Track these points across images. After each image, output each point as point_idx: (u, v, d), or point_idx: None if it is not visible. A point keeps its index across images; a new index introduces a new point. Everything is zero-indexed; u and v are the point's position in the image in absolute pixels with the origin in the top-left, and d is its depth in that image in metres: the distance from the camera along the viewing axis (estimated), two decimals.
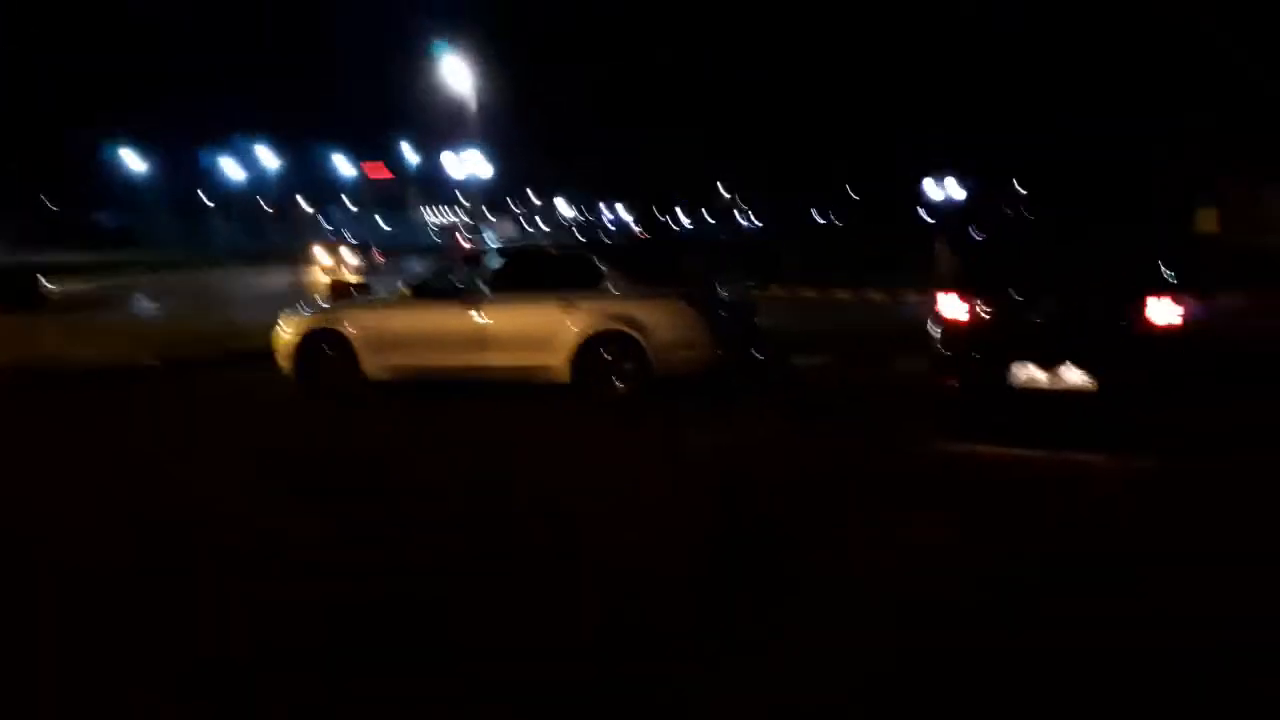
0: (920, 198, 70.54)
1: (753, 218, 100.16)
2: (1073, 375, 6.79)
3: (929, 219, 54.10)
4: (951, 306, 7.34)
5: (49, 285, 22.10)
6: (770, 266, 22.94)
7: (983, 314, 7.22)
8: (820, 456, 6.63)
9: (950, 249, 8.49)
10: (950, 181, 68.61)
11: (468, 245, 34.88)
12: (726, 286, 9.61)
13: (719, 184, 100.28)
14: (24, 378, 10.08)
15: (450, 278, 9.44)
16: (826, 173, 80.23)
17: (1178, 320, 6.68)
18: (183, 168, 76.72)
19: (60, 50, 65.24)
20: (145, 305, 21.91)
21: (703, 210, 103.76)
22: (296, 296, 15.68)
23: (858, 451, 6.70)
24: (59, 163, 68.16)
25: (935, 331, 7.51)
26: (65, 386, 9.90)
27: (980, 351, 7.20)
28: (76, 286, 26.56)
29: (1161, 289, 6.75)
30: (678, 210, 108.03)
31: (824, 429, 7.48)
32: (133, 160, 73.52)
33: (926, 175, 72.28)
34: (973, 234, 8.37)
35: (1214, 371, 7.02)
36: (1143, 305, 6.72)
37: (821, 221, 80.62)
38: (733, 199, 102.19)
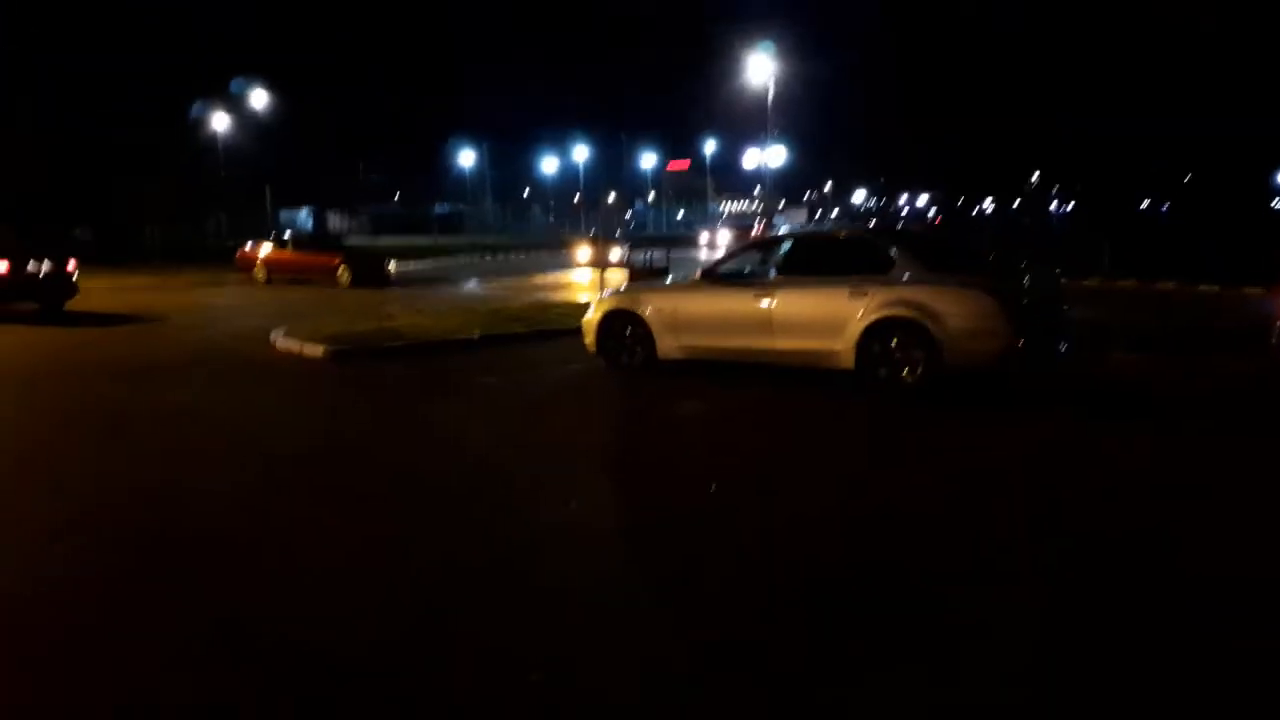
0: (1273, 187, 61.03)
1: (1064, 206, 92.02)
2: None
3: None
4: None
5: (394, 266, 25.34)
6: (1086, 256, 21.09)
7: None
8: (1123, 462, 6.11)
9: None
10: None
11: (755, 233, 35.32)
12: (1032, 274, 9.03)
13: (1032, 171, 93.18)
14: (379, 344, 11.71)
15: (742, 263, 9.74)
16: (1152, 159, 71.71)
17: None
18: (508, 162, 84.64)
19: (399, 57, 73.85)
20: (471, 284, 24.51)
21: (1012, 198, 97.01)
22: (599, 280, 16.87)
23: (1173, 460, 6.10)
24: (407, 159, 77.60)
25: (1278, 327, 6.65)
26: (410, 354, 11.37)
27: None
28: (415, 267, 30.25)
29: None
30: (984, 198, 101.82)
31: (1131, 431, 6.86)
32: (466, 156, 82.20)
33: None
34: None
35: None
36: None
37: (1143, 209, 72.22)
38: (1044, 185, 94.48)
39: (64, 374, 10.43)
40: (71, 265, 16.66)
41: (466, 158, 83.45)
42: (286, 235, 28.66)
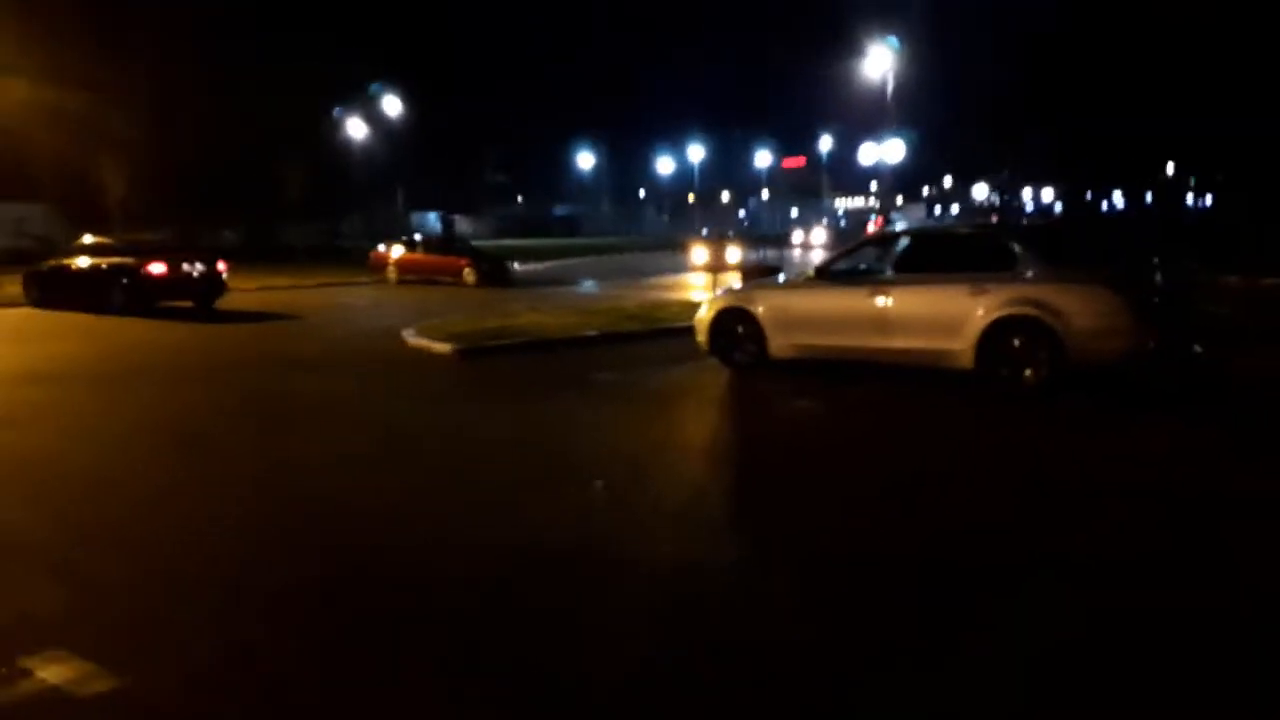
0: None
1: (1204, 198, 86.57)
2: None
3: None
4: None
5: (516, 266, 26.14)
6: (1226, 250, 19.88)
7: None
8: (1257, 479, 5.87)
9: None
10: None
11: (870, 230, 34.71)
12: (1165, 271, 8.73)
13: (1168, 161, 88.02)
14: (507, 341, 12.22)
15: (856, 260, 9.73)
16: None
17: None
18: (624, 162, 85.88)
19: (521, 61, 75.83)
20: (588, 284, 25.05)
21: (1145, 191, 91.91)
22: (712, 280, 17.03)
23: None
24: (530, 163, 79.81)
25: None
26: (532, 350, 11.82)
27: None
28: (536, 267, 31.09)
29: None
30: (1114, 192, 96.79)
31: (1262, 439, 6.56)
32: (585, 158, 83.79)
33: None
34: None
35: None
36: None
37: None
38: (1181, 177, 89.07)
39: (222, 367, 11.32)
40: (221, 266, 17.93)
41: (585, 160, 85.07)
42: (417, 237, 29.96)
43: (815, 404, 8.39)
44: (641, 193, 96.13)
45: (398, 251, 26.87)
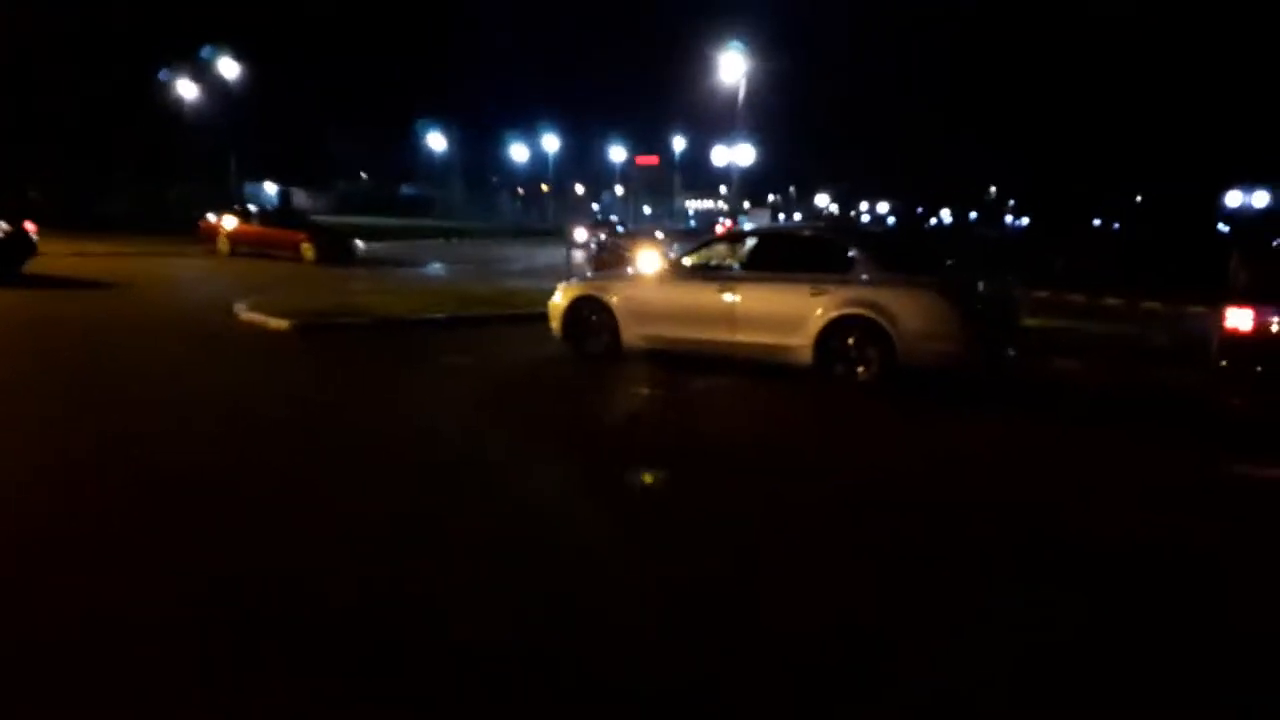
0: (1220, 208, 62.85)
1: (1020, 218, 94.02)
2: None
3: (1225, 230, 48.18)
4: (1239, 319, 6.87)
5: (360, 244, 25.23)
6: (1039, 268, 21.69)
7: (1272, 329, 6.69)
8: (1068, 460, 6.46)
9: (1245, 260, 7.90)
10: (1260, 194, 60.55)
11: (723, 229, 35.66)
12: (987, 281, 9.38)
13: (989, 185, 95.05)
14: (336, 321, 11.77)
15: (708, 256, 9.97)
16: (1109, 176, 73.46)
17: None
18: (478, 146, 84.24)
19: (370, 34, 73.12)
20: (437, 267, 24.49)
21: (969, 209, 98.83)
22: (566, 268, 17.03)
23: (1105, 460, 6.46)
24: (377, 140, 76.79)
25: (1216, 344, 7.06)
26: (376, 331, 11.45)
27: (1266, 366, 6.67)
28: (381, 247, 30.09)
29: None
30: (942, 209, 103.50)
31: (1075, 435, 7.22)
32: (436, 139, 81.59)
33: (1230, 186, 64.21)
34: (1274, 245, 7.71)
35: None
36: None
37: (1097, 225, 73.85)
38: (1000, 198, 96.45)
39: (27, 337, 10.37)
40: (30, 226, 16.40)
41: (436, 141, 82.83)
42: (252, 208, 28.40)
43: (660, 392, 8.54)
44: (494, 179, 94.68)
45: (230, 222, 25.43)
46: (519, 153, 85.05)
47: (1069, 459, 6.46)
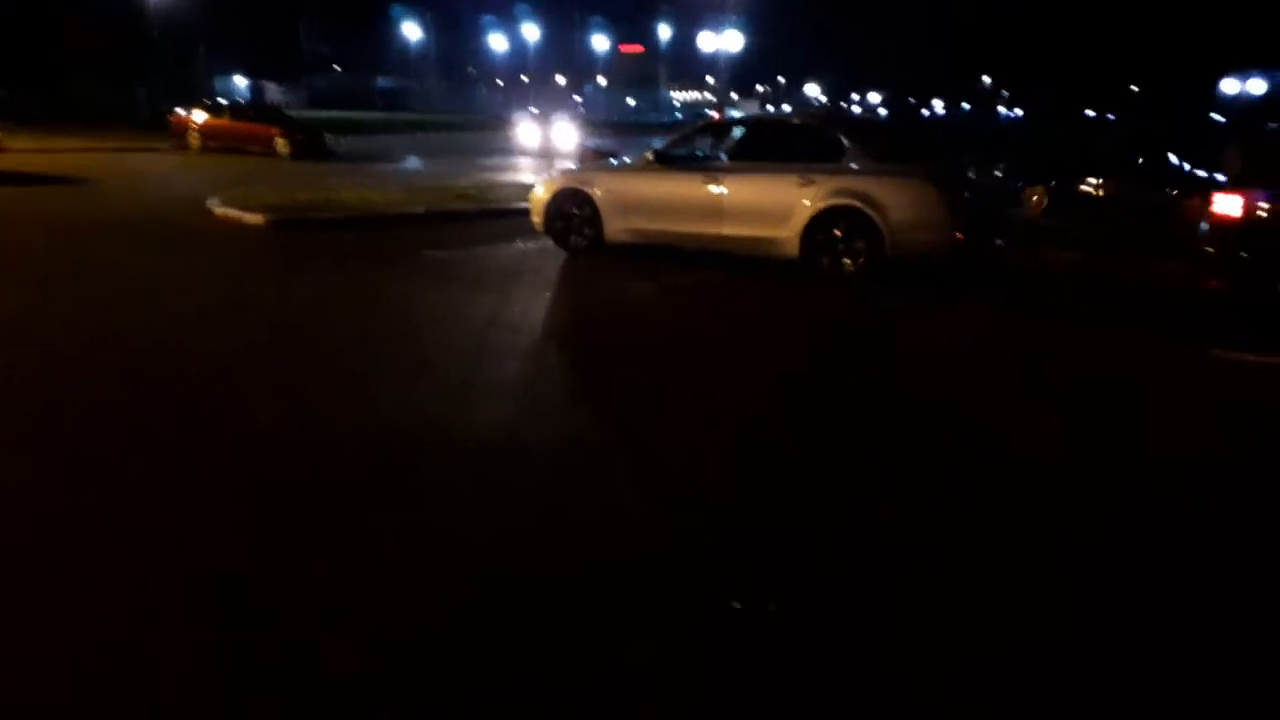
0: (1216, 96, 61.77)
1: (1013, 109, 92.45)
2: None
3: (1221, 119, 47.55)
4: (1227, 204, 6.77)
5: (334, 139, 24.55)
6: (1032, 159, 21.39)
7: (1260, 213, 6.60)
8: (1049, 351, 6.45)
9: (1239, 147, 7.74)
10: (1256, 82, 59.45)
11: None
12: (977, 171, 9.21)
13: (983, 75, 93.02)
14: (315, 216, 11.50)
15: (694, 146, 9.70)
16: (1107, 67, 72.02)
17: None
18: (455, 37, 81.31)
19: None
20: (415, 161, 23.92)
21: (961, 100, 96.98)
22: (545, 160, 16.62)
23: (1089, 351, 6.45)
24: (351, 31, 74.05)
25: (1204, 230, 6.98)
26: (354, 226, 11.20)
27: (1251, 252, 6.62)
28: (357, 142, 29.31)
29: None
30: (934, 99, 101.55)
31: (1057, 323, 7.21)
32: (411, 29, 78.67)
33: (1225, 74, 62.99)
34: (1266, 129, 7.54)
35: None
36: None
37: (1092, 116, 72.76)
38: (994, 89, 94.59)
39: None
40: None
41: (411, 31, 79.98)
42: (223, 102, 27.52)
43: (648, 286, 8.42)
44: (471, 70, 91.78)
45: (201, 117, 24.65)
46: (498, 43, 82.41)
47: (1018, 350, 6.47)
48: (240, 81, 65.48)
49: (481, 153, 26.82)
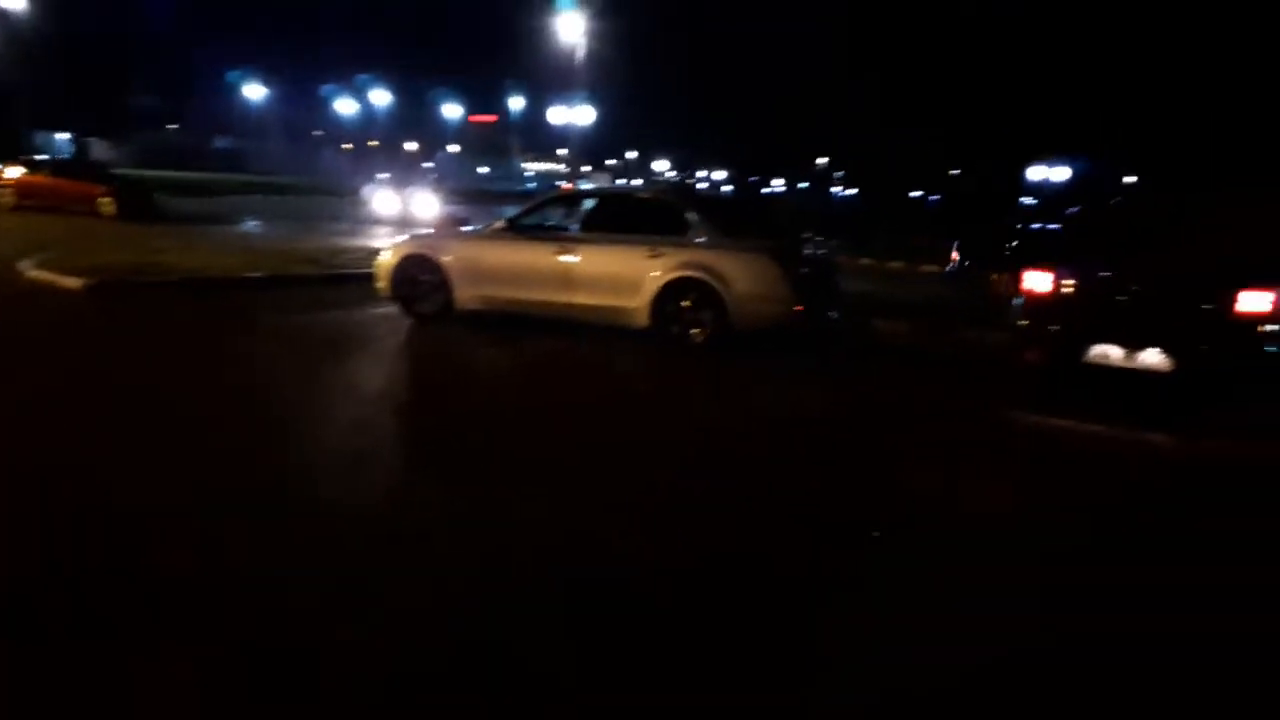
0: (1023, 183, 68.08)
1: (846, 189, 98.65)
2: (1150, 356, 6.77)
3: (1031, 202, 52.46)
4: (1036, 280, 7.37)
5: (166, 199, 23.36)
6: (863, 237, 22.84)
7: (1066, 289, 7.22)
8: (879, 416, 6.79)
9: (1040, 230, 8.46)
10: (1061, 169, 66.02)
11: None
12: (811, 246, 9.68)
13: (817, 157, 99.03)
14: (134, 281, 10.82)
15: (545, 216, 9.79)
16: (927, 153, 78.34)
17: (1267, 311, 6.56)
18: (299, 99, 79.50)
19: None
20: (254, 224, 23.02)
21: (800, 179, 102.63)
22: (398, 226, 16.36)
23: (916, 415, 6.83)
24: (185, 87, 71.17)
25: (1018, 304, 7.56)
26: (182, 291, 10.59)
27: (1061, 325, 7.21)
28: (192, 204, 27.97)
29: (1254, 280, 6.62)
30: (775, 178, 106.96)
31: (892, 393, 7.60)
32: (254, 90, 76.38)
33: (1033, 161, 69.65)
34: (1067, 214, 8.33)
35: None
36: (1233, 293, 6.61)
37: (916, 197, 78.71)
38: (828, 170, 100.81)
39: None
40: None
41: (254, 91, 77.70)
42: (43, 158, 25.77)
43: (497, 353, 8.34)
44: (318, 134, 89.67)
45: (16, 172, 22.98)
46: (345, 107, 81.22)
47: (830, 414, 6.80)
48: (63, 137, 61.55)
49: (328, 217, 26.11)
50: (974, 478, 5.38)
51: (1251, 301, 6.57)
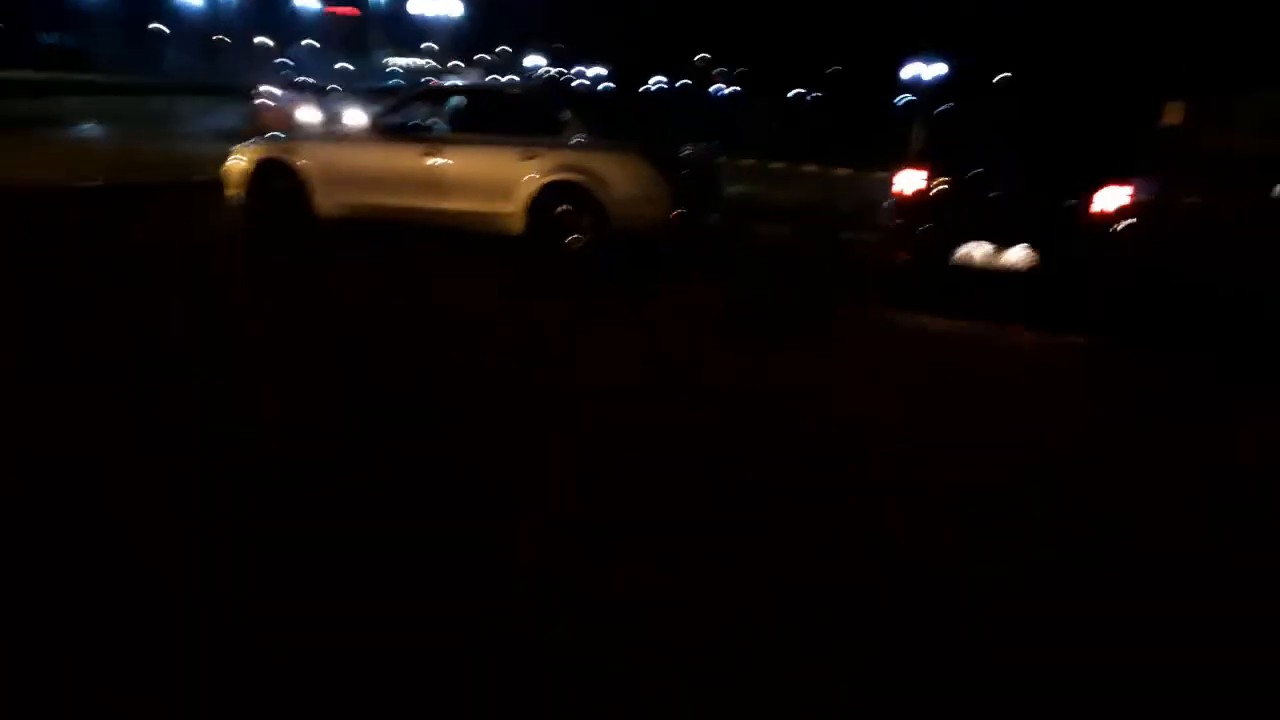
0: (899, 80, 69.01)
1: (726, 88, 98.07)
2: (1019, 253, 6.93)
3: (909, 99, 53.31)
4: (908, 180, 7.40)
5: None
6: (744, 136, 22.67)
7: (938, 188, 7.28)
8: (752, 318, 6.80)
9: (920, 127, 8.47)
10: (938, 66, 67.05)
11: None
12: (692, 147, 9.44)
13: (700, 53, 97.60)
14: None
15: (410, 115, 9.18)
16: (810, 50, 78.35)
17: (1124, 205, 6.79)
18: None
19: None
20: (90, 127, 21.06)
21: (679, 76, 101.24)
22: (249, 128, 15.23)
23: (790, 315, 6.87)
24: None
25: (890, 205, 7.60)
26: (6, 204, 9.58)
27: (932, 225, 7.29)
28: (16, 108, 25.31)
29: (1112, 175, 6.82)
30: (653, 75, 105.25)
31: (766, 294, 7.60)
32: None
33: (911, 57, 70.58)
34: (938, 111, 8.34)
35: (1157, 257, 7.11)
36: (1091, 188, 6.80)
37: (800, 93, 78.98)
38: (709, 67, 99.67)
39: None
40: None
41: None
42: None
43: (353, 267, 7.80)
44: (163, 28, 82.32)
45: None
46: None
47: (704, 319, 6.78)
48: None
49: (171, 117, 24.07)
50: (827, 376, 5.44)
51: (1109, 198, 6.79)
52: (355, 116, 11.38)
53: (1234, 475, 4.29)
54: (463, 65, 73.63)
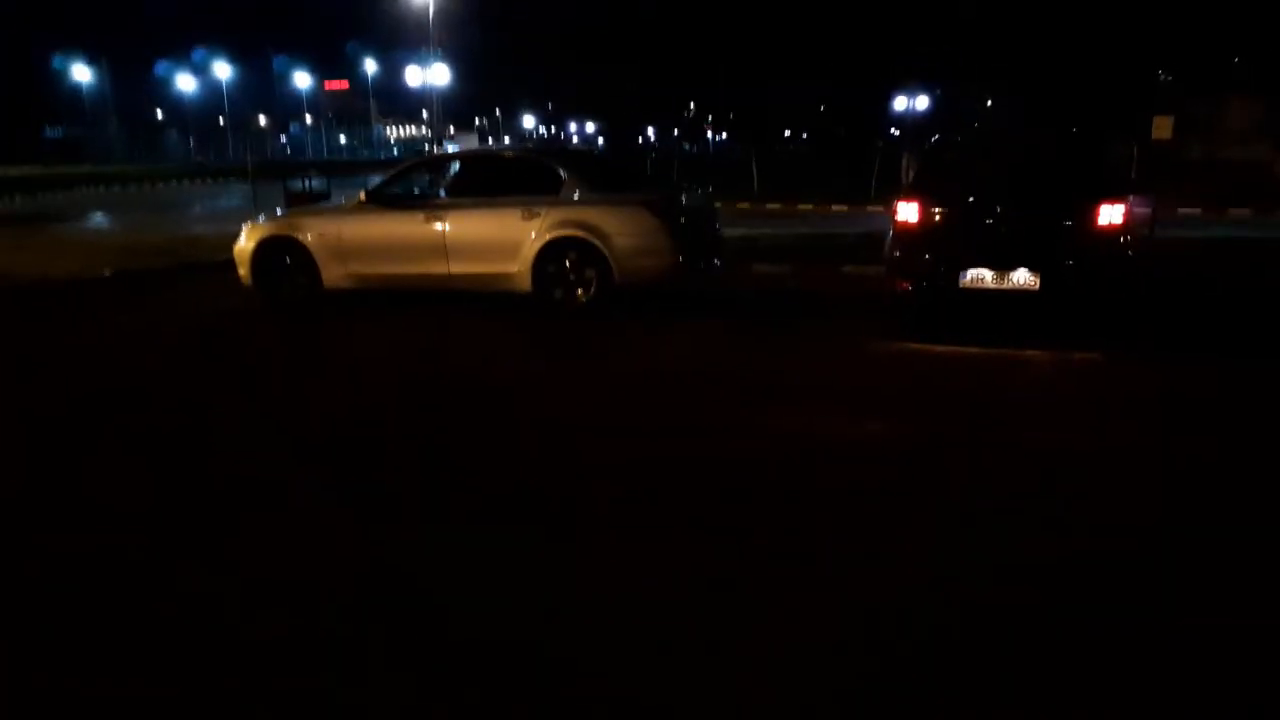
0: (889, 113, 69.80)
1: (719, 135, 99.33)
2: (1019, 276, 6.99)
3: (896, 133, 53.94)
4: (906, 211, 7.47)
5: None
6: (739, 181, 23.00)
7: (935, 218, 7.36)
8: (769, 357, 6.86)
9: (912, 158, 8.60)
10: (921, 98, 67.81)
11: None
12: (688, 194, 9.57)
13: (689, 103, 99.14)
14: None
15: (408, 184, 9.36)
16: (797, 93, 79.71)
17: (1119, 223, 6.87)
18: (135, 80, 74.37)
19: None
20: (98, 219, 21.44)
21: (671, 127, 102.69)
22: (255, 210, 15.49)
23: (802, 351, 6.91)
24: (6, 75, 65.55)
25: (890, 236, 7.67)
26: (18, 298, 9.74)
27: (932, 254, 7.35)
28: (19, 203, 25.81)
29: (1104, 193, 6.91)
30: (646, 127, 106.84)
31: (776, 333, 7.65)
32: (82, 72, 70.91)
33: (896, 91, 71.47)
34: (930, 142, 8.47)
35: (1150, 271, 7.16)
36: (1086, 208, 6.89)
37: (788, 136, 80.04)
38: (700, 116, 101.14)
39: None
40: None
41: (82, 73, 72.10)
42: None
43: (371, 333, 7.95)
44: (158, 115, 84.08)
45: None
46: (186, 83, 76.45)
47: (716, 358, 6.88)
48: None
49: (177, 205, 24.50)
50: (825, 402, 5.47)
51: (1104, 215, 6.88)
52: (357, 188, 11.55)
53: (1235, 475, 4.31)
54: (454, 131, 74.81)
